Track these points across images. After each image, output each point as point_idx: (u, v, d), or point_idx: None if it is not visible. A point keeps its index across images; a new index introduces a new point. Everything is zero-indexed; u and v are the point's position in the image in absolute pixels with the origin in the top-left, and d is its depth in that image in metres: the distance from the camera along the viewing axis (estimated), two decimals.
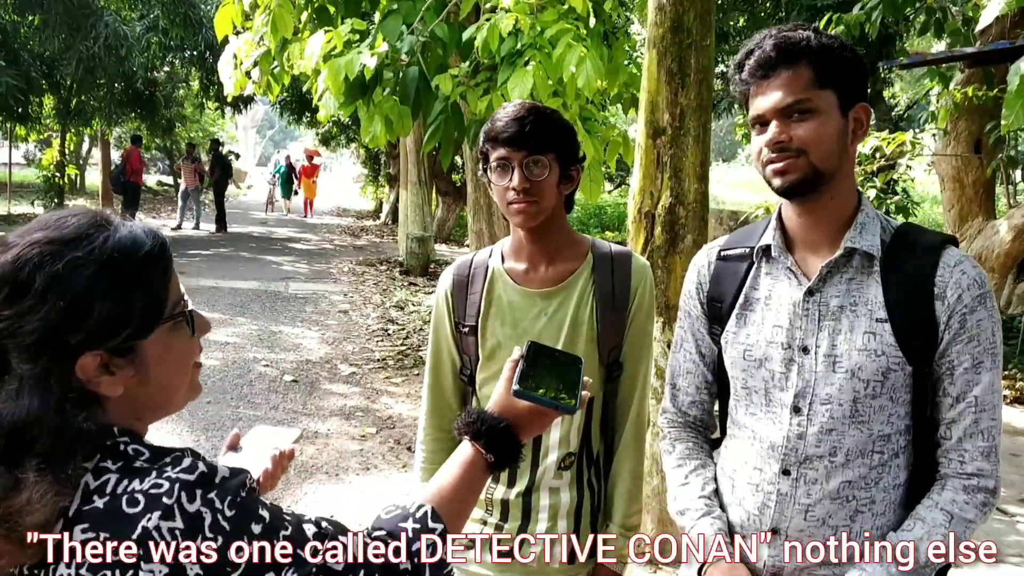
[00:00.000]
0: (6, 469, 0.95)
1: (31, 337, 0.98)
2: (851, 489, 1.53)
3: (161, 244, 1.10)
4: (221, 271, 12.47)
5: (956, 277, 1.48)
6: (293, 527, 1.06)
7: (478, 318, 1.94)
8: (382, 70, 4.71)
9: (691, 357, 1.77)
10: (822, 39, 1.49)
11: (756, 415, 1.63)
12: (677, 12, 3.49)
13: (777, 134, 1.49)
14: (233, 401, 6.16)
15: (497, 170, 1.84)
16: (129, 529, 0.95)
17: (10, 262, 0.99)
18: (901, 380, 1.50)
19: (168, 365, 1.09)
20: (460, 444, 1.30)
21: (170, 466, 0.99)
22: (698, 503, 1.68)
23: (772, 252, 1.62)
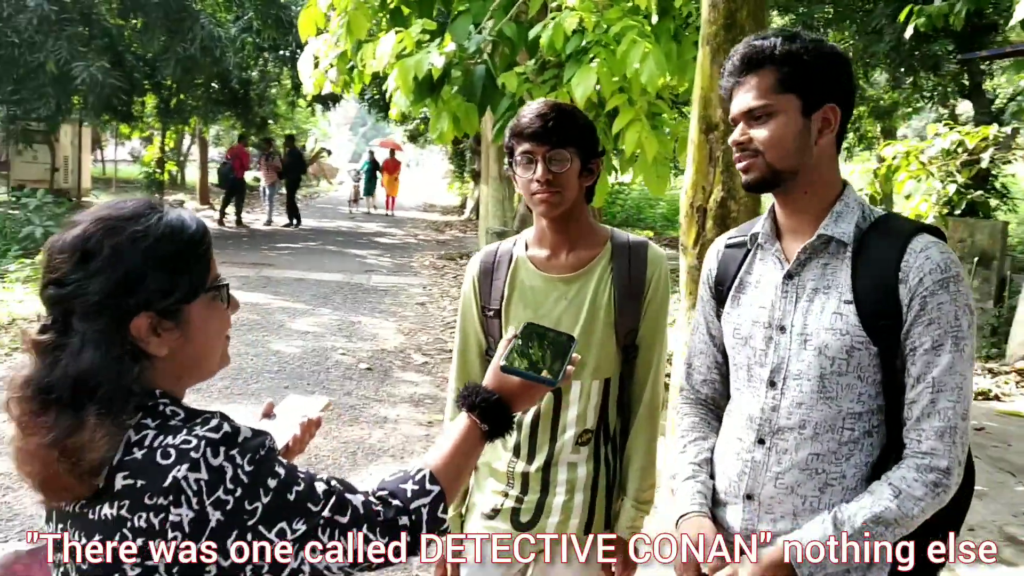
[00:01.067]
0: (71, 413, 1.13)
1: (95, 298, 1.15)
2: (820, 462, 1.62)
3: (203, 227, 1.27)
4: (308, 263, 12.91)
5: (920, 262, 1.55)
6: (305, 483, 1.20)
7: (502, 302, 2.08)
8: (450, 69, 4.88)
9: (704, 339, 1.89)
10: (789, 46, 1.60)
11: (741, 389, 1.76)
12: (730, 9, 3.55)
13: (739, 135, 1.65)
14: (309, 387, 6.43)
15: (522, 163, 1.98)
16: (162, 478, 1.11)
17: (79, 235, 1.17)
18: (867, 359, 1.59)
19: (207, 331, 1.26)
20: (459, 415, 1.44)
21: (199, 425, 1.15)
22: (686, 468, 1.81)
23: (760, 239, 1.75)
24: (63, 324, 1.17)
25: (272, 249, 14.32)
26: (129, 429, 1.16)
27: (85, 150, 21.47)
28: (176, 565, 1.12)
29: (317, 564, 1.19)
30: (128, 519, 1.11)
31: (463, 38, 4.89)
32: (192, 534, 1.11)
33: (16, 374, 1.19)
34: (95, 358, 1.14)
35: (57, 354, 1.15)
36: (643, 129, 4.55)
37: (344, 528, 1.21)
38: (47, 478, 1.14)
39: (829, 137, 1.64)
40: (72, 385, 1.13)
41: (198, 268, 1.24)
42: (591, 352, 2.01)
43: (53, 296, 1.17)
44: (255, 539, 1.15)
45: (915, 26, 6.99)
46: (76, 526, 1.16)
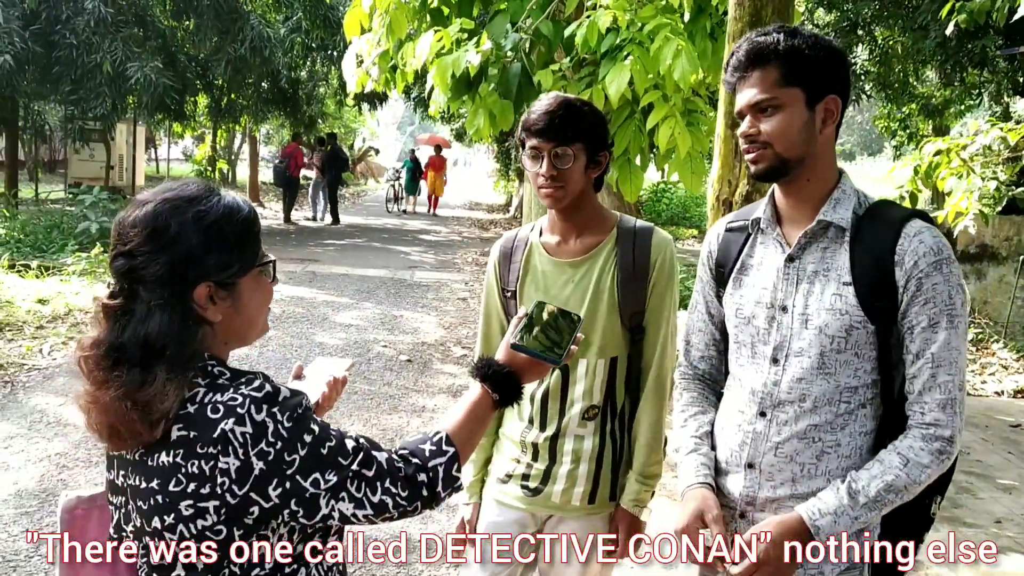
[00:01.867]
0: (140, 370, 1.29)
1: (163, 269, 1.32)
2: (817, 432, 1.74)
3: (254, 209, 1.46)
4: (352, 259, 13.16)
5: (914, 245, 1.66)
6: (337, 439, 1.36)
7: (518, 284, 2.22)
8: (487, 66, 4.99)
9: (702, 317, 2.01)
10: (791, 41, 1.71)
11: (744, 366, 1.86)
12: (755, 7, 3.63)
13: (747, 128, 1.75)
14: (351, 377, 6.59)
15: (530, 157, 2.10)
16: (211, 430, 1.27)
17: (149, 212, 1.34)
18: (865, 338, 1.70)
19: (255, 301, 1.43)
20: (472, 384, 1.60)
21: (244, 385, 1.32)
22: (689, 442, 1.92)
23: (761, 224, 1.86)
24: (130, 291, 1.33)
25: (319, 245, 14.60)
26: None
27: (139, 148, 22.02)
28: (224, 506, 1.28)
29: (345, 511, 1.34)
30: (182, 465, 1.28)
31: (500, 36, 5.00)
32: (238, 480, 1.28)
33: (86, 336, 1.36)
34: (163, 322, 1.30)
35: (126, 318, 1.32)
36: (677, 125, 4.62)
37: (370, 481, 1.36)
38: (116, 427, 1.30)
39: (831, 127, 1.74)
40: (142, 345, 1.30)
41: (251, 245, 1.41)
42: (596, 332, 2.13)
43: (123, 266, 1.33)
44: (293, 486, 1.30)
45: (958, 22, 6.94)
46: (137, 471, 1.33)
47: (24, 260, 10.29)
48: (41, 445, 4.97)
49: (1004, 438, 5.95)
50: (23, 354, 6.74)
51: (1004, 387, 7.56)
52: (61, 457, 4.81)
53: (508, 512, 2.24)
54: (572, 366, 2.15)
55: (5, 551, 3.74)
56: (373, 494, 1.36)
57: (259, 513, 1.30)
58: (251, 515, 1.30)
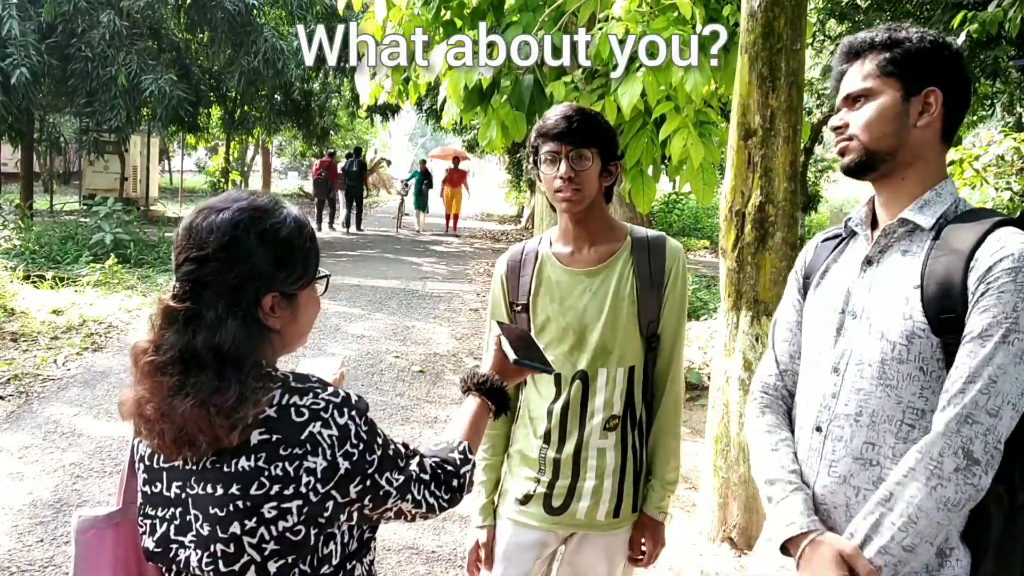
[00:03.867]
0: (215, 375, 1.30)
1: (239, 277, 1.34)
2: (875, 453, 1.57)
3: (311, 225, 1.49)
4: (365, 270, 13.20)
5: (994, 249, 1.48)
6: (394, 444, 1.47)
7: (529, 297, 2.21)
8: (499, 78, 5.02)
9: (789, 327, 1.85)
10: (892, 34, 1.63)
11: (810, 375, 1.73)
12: (768, 18, 3.63)
13: (837, 120, 1.68)
14: (362, 388, 6.62)
15: (547, 162, 2.11)
16: (298, 432, 1.31)
17: (227, 220, 1.36)
18: (929, 351, 1.52)
19: (309, 311, 1.47)
20: (468, 398, 1.75)
21: (320, 390, 1.36)
22: (787, 475, 1.68)
23: (852, 224, 1.74)
24: (197, 296, 1.34)
25: (331, 256, 14.64)
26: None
27: (153, 160, 22.16)
28: (307, 505, 1.32)
29: (404, 508, 1.46)
30: (265, 469, 1.31)
31: None
32: (323, 479, 1.32)
33: (140, 342, 1.37)
34: (236, 329, 1.32)
35: (195, 323, 1.32)
36: (689, 136, 4.64)
37: (426, 483, 1.49)
38: (191, 434, 1.30)
39: (929, 121, 1.60)
40: (216, 352, 1.31)
41: (314, 259, 1.45)
42: (616, 341, 2.13)
43: (193, 271, 1.34)
44: (371, 484, 1.38)
45: (969, 32, 6.93)
46: (205, 479, 1.34)
47: (39, 271, 10.37)
48: (55, 455, 4.99)
49: None
50: (38, 364, 6.78)
51: None
52: (75, 467, 4.83)
53: (527, 533, 2.21)
54: (592, 376, 2.14)
55: (20, 561, 3.75)
56: (429, 496, 1.49)
57: (332, 509, 1.35)
58: (326, 512, 1.35)
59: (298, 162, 40.37)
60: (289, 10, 16.04)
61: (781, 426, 1.78)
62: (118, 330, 8.10)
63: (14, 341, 7.39)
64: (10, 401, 5.94)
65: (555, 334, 2.17)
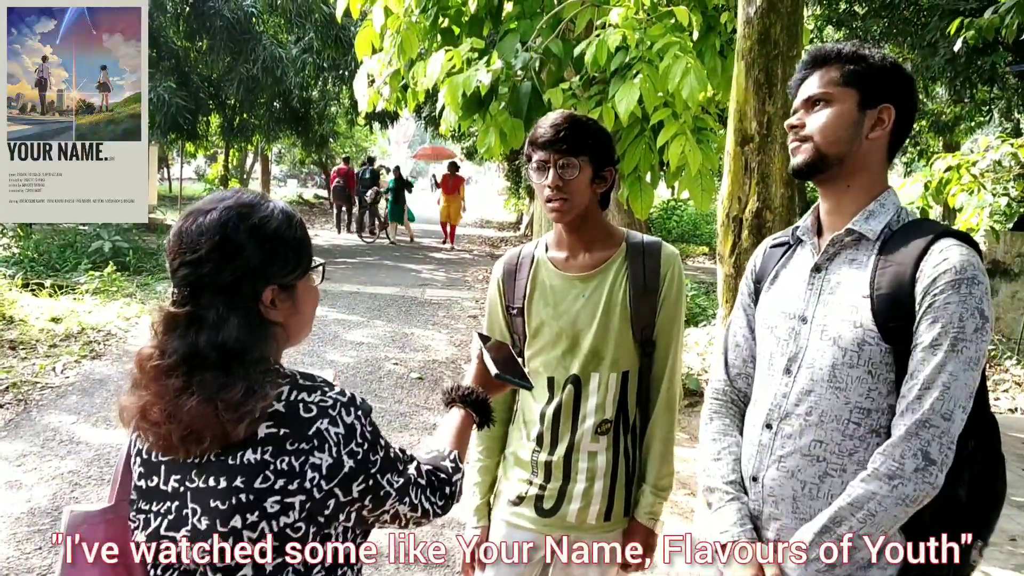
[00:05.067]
0: (222, 373, 1.32)
1: (235, 275, 1.36)
2: (822, 450, 1.67)
3: (300, 215, 1.50)
4: (364, 277, 13.19)
5: (937, 261, 1.58)
6: (393, 448, 1.48)
7: (524, 300, 2.22)
8: (498, 85, 5.03)
9: (741, 332, 1.94)
10: (857, 48, 1.73)
11: (763, 377, 1.83)
12: (764, 25, 3.64)
13: (794, 120, 1.76)
14: (361, 395, 6.60)
15: (537, 170, 2.12)
16: (306, 428, 1.33)
17: (215, 220, 1.37)
18: (879, 356, 1.62)
19: (309, 301, 1.49)
20: (451, 409, 1.79)
21: (327, 387, 1.39)
22: (724, 485, 1.82)
23: (799, 233, 1.84)
24: (196, 299, 1.35)
25: (330, 263, 14.60)
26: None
27: (152, 168, 22.10)
28: (309, 501, 1.33)
29: (400, 511, 1.47)
30: (271, 462, 1.32)
31: (510, 55, 5.04)
32: (327, 476, 1.34)
33: (144, 349, 1.38)
34: (239, 326, 1.34)
35: (197, 325, 1.34)
36: (687, 142, 4.65)
37: (423, 488, 1.52)
38: (198, 431, 1.31)
39: (880, 135, 1.71)
40: (220, 350, 1.33)
41: (306, 249, 1.47)
42: (608, 346, 2.13)
43: (189, 275, 1.36)
44: (373, 484, 1.40)
45: (966, 39, 6.95)
46: (209, 472, 1.35)
47: (38, 279, 10.36)
48: (54, 463, 4.99)
49: (1018, 455, 5.90)
50: (36, 372, 6.77)
51: (1017, 404, 7.51)
52: (74, 475, 4.82)
53: (519, 533, 2.23)
54: (584, 380, 2.15)
55: (18, 568, 3.75)
56: (425, 501, 1.51)
57: (333, 507, 1.36)
58: (327, 509, 1.36)
59: (297, 169, 40.41)
60: (288, 18, 16.09)
61: (728, 432, 1.89)
62: (117, 338, 8.10)
63: (12, 349, 7.38)
64: (8, 409, 5.93)
65: (549, 338, 2.19)
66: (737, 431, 1.90)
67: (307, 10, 15.75)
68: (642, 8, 5.08)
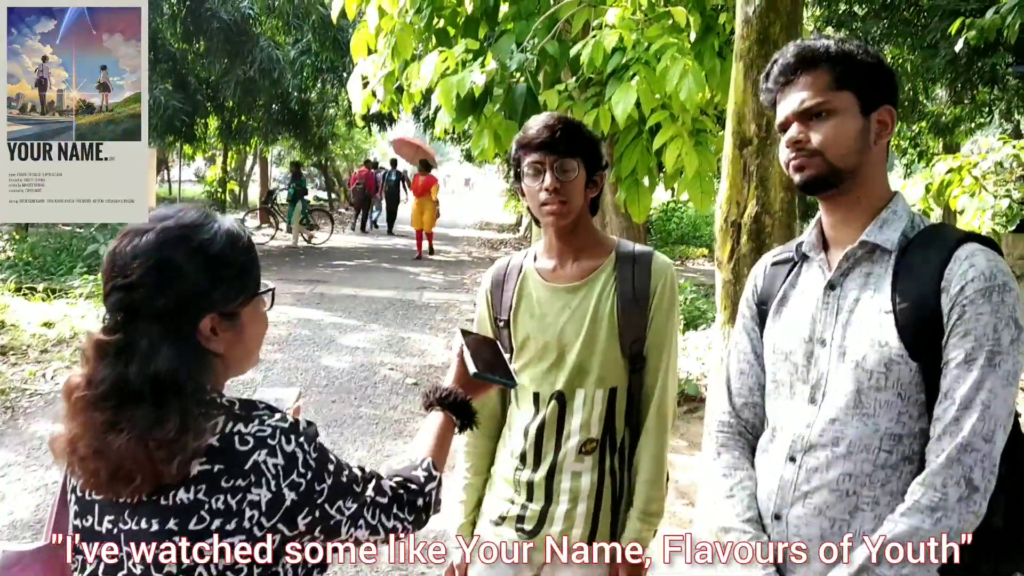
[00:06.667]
0: (153, 407, 1.22)
1: (170, 302, 1.25)
2: (852, 483, 1.54)
3: (249, 236, 1.40)
4: (361, 280, 13.10)
5: (963, 269, 1.46)
6: (349, 469, 1.38)
7: (511, 312, 2.12)
8: (493, 87, 4.95)
9: (745, 358, 1.80)
10: (842, 46, 1.59)
11: (780, 407, 1.68)
12: (763, 24, 3.55)
13: (795, 135, 1.59)
14: (356, 401, 6.53)
15: (530, 174, 2.02)
16: (243, 462, 1.23)
17: (152, 241, 1.27)
18: (908, 376, 1.50)
19: (255, 329, 1.39)
20: (431, 413, 1.69)
21: (266, 415, 1.28)
22: (742, 526, 1.66)
23: (805, 249, 1.70)
24: (129, 325, 1.25)
25: (327, 266, 14.57)
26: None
27: (150, 170, 22.05)
28: (250, 540, 1.24)
29: (360, 537, 1.38)
30: (206, 502, 1.22)
31: (505, 57, 4.95)
32: (268, 512, 1.24)
33: (73, 377, 1.29)
34: (172, 357, 1.24)
35: (128, 354, 1.24)
36: (684, 145, 4.57)
37: (384, 508, 1.42)
38: (128, 471, 1.21)
39: (884, 140, 1.61)
40: (152, 382, 1.22)
41: (253, 273, 1.37)
42: (594, 361, 2.03)
43: (122, 300, 1.26)
44: (321, 515, 1.31)
45: (968, 40, 6.87)
46: (141, 514, 1.25)
47: (31, 283, 10.27)
48: (39, 474, 4.90)
49: None
50: (25, 379, 6.68)
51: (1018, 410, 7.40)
52: (57, 486, 4.71)
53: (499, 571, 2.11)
54: (569, 396, 2.05)
55: None
56: (387, 520, 1.42)
57: (279, 542, 1.27)
58: (274, 541, 1.27)
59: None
60: (285, 20, 16.00)
61: (739, 466, 1.75)
62: None
63: (2, 355, 7.30)
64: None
65: (535, 352, 2.09)
66: (749, 464, 1.74)
67: (304, 12, 15.65)
68: (639, 8, 5.00)
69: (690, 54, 4.61)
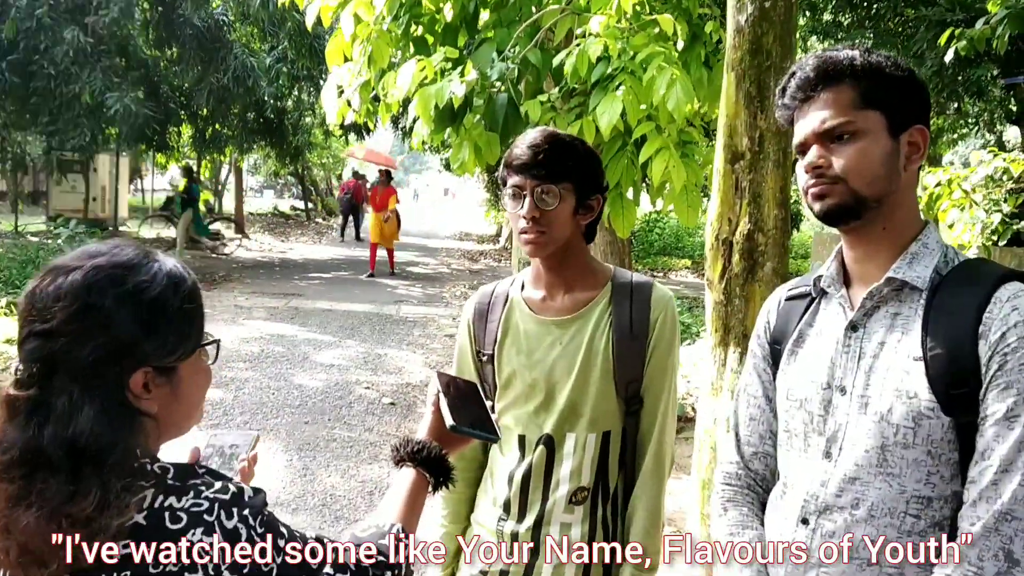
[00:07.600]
0: (68, 478, 1.02)
1: (95, 354, 1.05)
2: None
3: (194, 279, 1.20)
4: (337, 294, 12.84)
5: (1005, 312, 1.29)
6: (302, 541, 1.17)
7: (495, 346, 1.92)
8: (473, 97, 4.75)
9: (756, 402, 1.63)
10: (868, 58, 1.40)
11: (793, 460, 1.51)
12: (756, 34, 3.38)
13: (815, 159, 1.41)
14: (329, 422, 6.29)
15: (511, 197, 1.82)
16: (174, 542, 1.04)
17: (79, 282, 1.06)
18: (940, 432, 1.33)
19: (195, 386, 1.20)
20: (402, 469, 1.45)
21: (203, 486, 1.08)
22: None
23: (824, 284, 1.52)
24: (46, 380, 1.05)
25: (303, 279, 14.30)
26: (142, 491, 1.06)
27: (122, 180, 21.67)
28: None
29: None
30: None
31: (486, 66, 4.77)
32: None
33: None
34: (93, 419, 1.04)
35: (42, 414, 1.04)
36: (671, 158, 4.38)
37: None
38: (39, 553, 1.01)
39: (916, 164, 1.43)
40: (68, 448, 1.03)
41: (196, 323, 1.17)
42: (587, 403, 1.83)
43: (38, 350, 1.05)
44: None
45: (956, 50, 6.77)
46: None
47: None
48: None
49: None
50: None
51: None
52: None
53: None
54: (559, 440, 1.85)
55: None
56: None
57: None
58: None
59: (273, 181, 40.00)
60: (260, 27, 15.75)
61: (747, 524, 1.59)
62: None
63: None
64: None
65: (521, 390, 1.88)
66: (758, 521, 1.58)
67: (280, 19, 15.37)
68: (624, 17, 4.82)
69: (677, 63, 4.44)
